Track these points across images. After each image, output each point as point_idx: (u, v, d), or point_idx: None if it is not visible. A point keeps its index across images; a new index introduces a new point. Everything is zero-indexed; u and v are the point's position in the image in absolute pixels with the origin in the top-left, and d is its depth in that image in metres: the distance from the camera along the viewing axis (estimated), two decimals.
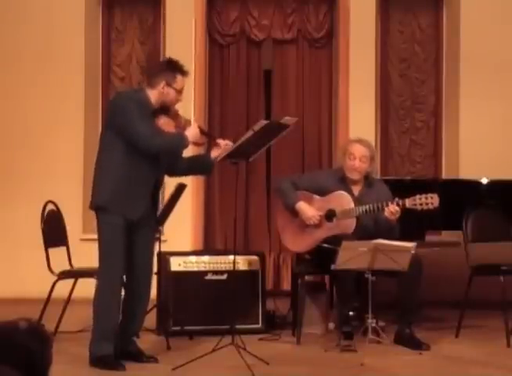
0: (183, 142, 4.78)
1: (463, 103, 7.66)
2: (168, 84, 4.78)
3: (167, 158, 4.87)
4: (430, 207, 5.27)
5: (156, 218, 5.09)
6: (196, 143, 4.99)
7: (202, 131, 4.88)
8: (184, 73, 4.84)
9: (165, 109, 4.83)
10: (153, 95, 4.80)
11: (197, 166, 5.14)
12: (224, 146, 4.89)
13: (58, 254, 5.74)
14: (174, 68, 4.83)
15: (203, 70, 7.79)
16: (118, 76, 7.99)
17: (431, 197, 5.27)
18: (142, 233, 4.83)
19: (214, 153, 4.93)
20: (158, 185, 4.93)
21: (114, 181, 4.73)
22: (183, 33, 7.57)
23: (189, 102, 5.00)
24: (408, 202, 5.30)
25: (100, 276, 4.81)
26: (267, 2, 7.94)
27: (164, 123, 4.79)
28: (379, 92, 7.84)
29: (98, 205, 4.79)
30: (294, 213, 5.64)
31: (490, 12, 7.63)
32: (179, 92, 4.83)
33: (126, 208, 4.72)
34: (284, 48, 8.02)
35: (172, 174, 5.15)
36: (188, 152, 5.12)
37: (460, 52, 7.66)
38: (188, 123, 4.84)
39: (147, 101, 4.78)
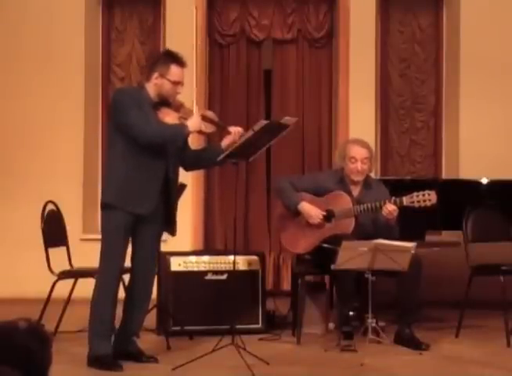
0: (182, 131, 4.68)
1: (463, 102, 7.65)
2: (162, 75, 4.70)
3: (172, 149, 4.74)
4: (428, 203, 5.25)
5: (166, 217, 4.86)
6: (202, 132, 4.89)
7: (209, 120, 4.78)
8: (179, 62, 4.73)
9: (165, 101, 4.76)
10: (150, 88, 4.74)
11: (208, 156, 5.00)
12: (235, 133, 4.80)
13: (58, 254, 5.74)
14: (167, 58, 4.76)
15: (203, 70, 7.79)
16: (118, 76, 7.99)
17: (429, 194, 5.26)
18: (148, 230, 4.77)
19: (226, 142, 4.84)
20: (169, 180, 4.78)
21: (119, 177, 4.69)
22: (183, 33, 7.56)
23: (191, 99, 4.92)
24: (405, 200, 5.29)
25: (99, 275, 4.78)
26: (267, 2, 7.94)
27: (166, 115, 4.71)
28: (379, 92, 7.84)
29: (104, 203, 4.76)
30: (295, 213, 5.62)
31: (490, 12, 7.63)
32: (175, 83, 4.72)
33: (133, 204, 4.65)
34: (284, 48, 8.02)
35: (185, 167, 5.03)
36: (199, 143, 5.01)
37: (460, 52, 7.66)
38: (191, 113, 4.76)
39: (147, 96, 4.73)
